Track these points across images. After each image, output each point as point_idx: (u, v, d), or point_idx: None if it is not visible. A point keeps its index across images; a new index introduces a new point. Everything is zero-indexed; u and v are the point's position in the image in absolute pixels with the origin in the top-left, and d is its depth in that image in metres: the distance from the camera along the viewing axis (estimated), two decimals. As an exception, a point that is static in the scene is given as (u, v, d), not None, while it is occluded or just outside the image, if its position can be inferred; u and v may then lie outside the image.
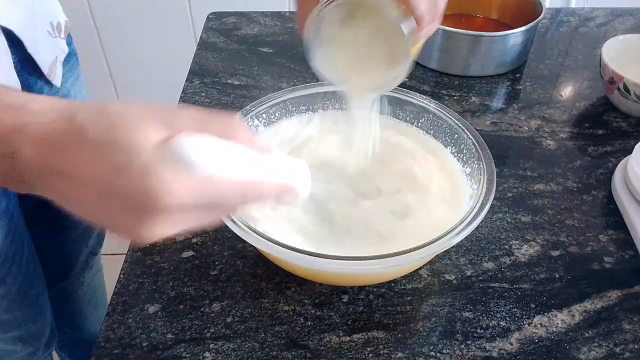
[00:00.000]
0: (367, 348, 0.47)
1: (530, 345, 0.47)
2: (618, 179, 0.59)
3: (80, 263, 0.86)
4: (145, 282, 0.51)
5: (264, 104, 0.57)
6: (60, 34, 0.65)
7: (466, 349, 0.47)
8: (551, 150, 0.66)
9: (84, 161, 0.29)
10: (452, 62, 0.78)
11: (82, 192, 0.30)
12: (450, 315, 0.49)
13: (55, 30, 0.63)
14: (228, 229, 0.43)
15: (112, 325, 0.48)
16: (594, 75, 0.79)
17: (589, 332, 0.48)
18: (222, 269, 0.53)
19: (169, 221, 0.30)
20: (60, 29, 0.65)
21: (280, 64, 0.81)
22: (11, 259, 0.60)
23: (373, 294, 0.51)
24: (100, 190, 0.29)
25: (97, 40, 1.74)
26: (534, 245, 0.55)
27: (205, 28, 0.89)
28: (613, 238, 0.56)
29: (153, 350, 0.46)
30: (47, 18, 0.62)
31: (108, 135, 0.29)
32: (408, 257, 0.42)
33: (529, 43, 0.79)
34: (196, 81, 0.77)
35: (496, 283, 0.52)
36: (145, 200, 0.29)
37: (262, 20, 0.91)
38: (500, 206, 0.59)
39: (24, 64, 0.57)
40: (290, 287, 0.51)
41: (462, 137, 0.54)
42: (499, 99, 0.75)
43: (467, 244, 0.55)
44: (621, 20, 0.92)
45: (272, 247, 0.42)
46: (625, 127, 0.70)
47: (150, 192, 0.29)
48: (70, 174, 0.30)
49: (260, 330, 0.48)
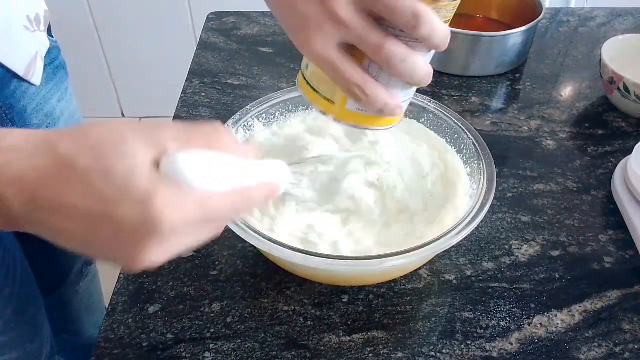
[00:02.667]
0: (367, 348, 0.47)
1: (530, 345, 0.47)
2: (618, 179, 0.59)
3: (74, 274, 0.85)
4: (145, 282, 0.51)
5: (264, 104, 0.57)
6: (39, 27, 0.59)
7: (466, 349, 0.47)
8: (551, 150, 0.66)
9: (74, 193, 0.28)
10: (452, 62, 0.78)
11: (73, 225, 0.29)
12: (450, 315, 0.49)
13: (33, 23, 0.57)
14: (228, 228, 0.43)
15: (112, 325, 0.48)
16: (594, 75, 0.79)
17: (589, 332, 0.48)
18: (222, 269, 0.53)
19: (166, 245, 0.29)
20: (40, 20, 0.59)
21: (280, 64, 0.81)
22: (3, 281, 0.58)
23: (373, 294, 0.51)
24: (95, 221, 0.28)
25: (97, 40, 1.74)
26: (534, 245, 0.55)
27: (205, 28, 0.89)
28: (613, 238, 0.56)
29: (153, 350, 0.46)
30: (24, 11, 0.56)
31: (99, 164, 0.28)
32: (408, 257, 0.42)
33: (529, 43, 0.79)
34: (196, 81, 0.77)
35: (496, 283, 0.52)
36: (146, 226, 0.28)
37: (262, 20, 0.91)
38: (500, 206, 0.59)
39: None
40: (290, 287, 0.51)
41: (462, 137, 0.54)
42: (499, 99, 0.75)
43: (467, 244, 0.55)
44: (621, 20, 0.92)
45: (272, 247, 0.42)
46: (625, 127, 0.70)
47: (152, 217, 0.28)
48: (59, 209, 0.29)
49: (260, 330, 0.48)
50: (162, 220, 0.28)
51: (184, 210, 0.29)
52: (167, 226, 0.28)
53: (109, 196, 0.28)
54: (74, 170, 0.28)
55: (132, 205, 0.28)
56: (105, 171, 0.28)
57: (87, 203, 0.28)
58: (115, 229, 0.28)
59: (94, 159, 0.28)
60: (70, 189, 0.28)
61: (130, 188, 0.28)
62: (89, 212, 0.28)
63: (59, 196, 0.28)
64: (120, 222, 0.28)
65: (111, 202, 0.28)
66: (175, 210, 0.28)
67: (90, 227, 0.29)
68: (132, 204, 0.28)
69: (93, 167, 0.28)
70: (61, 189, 0.28)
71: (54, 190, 0.28)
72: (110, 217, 0.28)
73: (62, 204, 0.28)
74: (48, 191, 0.28)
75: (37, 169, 0.29)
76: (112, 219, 0.28)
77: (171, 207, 0.28)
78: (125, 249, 0.29)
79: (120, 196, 0.28)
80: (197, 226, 0.30)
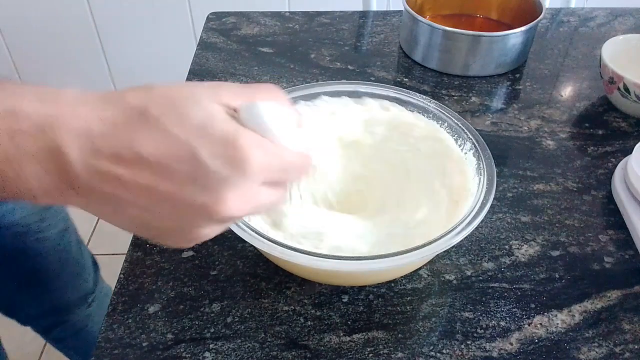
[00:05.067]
0: (367, 348, 0.47)
1: (530, 345, 0.47)
2: (618, 179, 0.59)
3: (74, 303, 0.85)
4: (145, 282, 0.51)
5: (264, 104, 0.57)
6: None
7: (466, 349, 0.47)
8: (551, 150, 0.66)
9: (148, 139, 0.26)
10: (452, 62, 0.78)
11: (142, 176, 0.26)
12: (450, 315, 0.49)
13: None
14: (228, 229, 0.43)
15: (112, 325, 0.48)
16: (594, 75, 0.79)
17: (589, 332, 0.48)
18: (222, 269, 0.53)
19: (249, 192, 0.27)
20: None
21: (280, 64, 0.81)
22: None
23: (373, 294, 0.51)
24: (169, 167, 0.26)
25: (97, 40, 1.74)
26: (534, 245, 0.55)
27: (205, 28, 0.89)
28: (613, 238, 0.56)
29: (153, 350, 0.46)
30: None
31: (175, 112, 0.26)
32: (408, 257, 0.42)
33: (529, 43, 0.79)
34: (196, 81, 0.77)
35: (496, 283, 0.52)
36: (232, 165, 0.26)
37: (262, 20, 0.91)
38: (500, 206, 0.59)
39: None
40: (290, 287, 0.51)
41: (462, 137, 0.54)
42: (499, 99, 0.75)
43: (467, 244, 0.55)
44: (621, 20, 0.92)
45: (272, 247, 0.42)
46: (625, 127, 0.70)
47: (240, 156, 0.26)
48: (129, 158, 0.26)
49: (260, 330, 0.48)
50: (250, 159, 0.26)
51: (268, 153, 0.27)
52: (255, 166, 0.26)
53: (190, 139, 0.26)
54: (146, 117, 0.26)
55: (217, 145, 0.26)
56: (181, 116, 0.26)
57: (165, 147, 0.26)
58: (199, 171, 0.26)
59: (168, 108, 0.26)
60: (143, 135, 0.26)
61: (213, 129, 0.26)
62: (167, 157, 0.26)
63: (131, 144, 0.26)
64: (206, 162, 0.26)
65: (193, 144, 0.26)
66: (260, 151, 0.27)
67: (164, 177, 0.26)
68: (217, 144, 0.26)
69: (167, 114, 0.26)
70: (132, 137, 0.26)
71: (126, 138, 0.26)
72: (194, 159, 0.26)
73: (135, 152, 0.26)
74: (119, 140, 0.26)
75: (105, 119, 0.26)
76: (196, 160, 0.26)
77: (256, 149, 0.26)
78: (203, 196, 0.26)
79: (202, 138, 0.26)
80: (276, 176, 0.29)
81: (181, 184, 0.26)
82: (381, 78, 0.78)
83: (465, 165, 0.53)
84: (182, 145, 0.26)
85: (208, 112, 0.26)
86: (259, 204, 0.29)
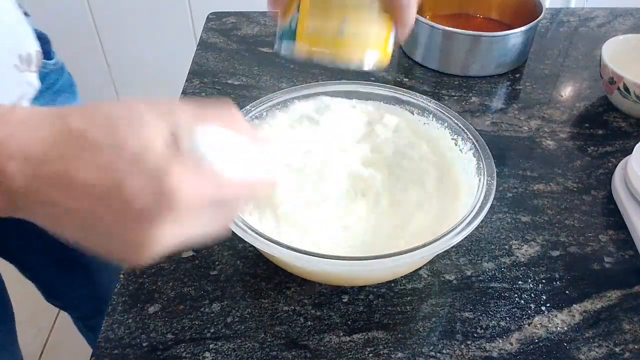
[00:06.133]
0: (367, 348, 0.47)
1: (530, 345, 0.47)
2: (618, 179, 0.59)
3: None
4: (145, 282, 0.51)
5: (264, 104, 0.57)
6: (30, 67, 0.55)
7: (466, 349, 0.47)
8: (551, 150, 0.66)
9: (83, 166, 0.26)
10: (452, 62, 0.78)
11: (78, 202, 0.27)
12: (450, 316, 0.49)
13: (24, 62, 0.54)
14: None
15: (112, 325, 0.48)
16: (594, 75, 0.79)
17: (589, 332, 0.48)
18: (222, 269, 0.53)
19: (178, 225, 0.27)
20: (31, 60, 0.55)
21: (280, 64, 0.81)
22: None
23: (373, 294, 0.51)
24: (102, 197, 0.26)
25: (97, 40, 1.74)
26: (534, 245, 0.55)
27: (205, 28, 0.89)
28: (613, 238, 0.56)
29: (153, 350, 0.46)
30: (16, 49, 0.53)
31: (111, 138, 0.26)
32: (408, 257, 0.42)
33: (529, 43, 0.79)
34: (196, 81, 0.77)
35: (496, 283, 0.52)
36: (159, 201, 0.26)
37: (262, 20, 0.91)
38: (500, 206, 0.59)
39: None
40: (290, 287, 0.51)
41: (462, 137, 0.54)
42: (499, 99, 0.75)
43: (467, 244, 0.55)
44: (621, 20, 0.92)
45: (272, 247, 0.42)
46: (625, 127, 0.70)
47: (167, 192, 0.26)
48: (65, 184, 0.26)
49: (260, 330, 0.48)
50: (178, 195, 0.26)
51: (201, 187, 0.27)
52: (183, 202, 0.26)
53: (120, 169, 0.26)
54: (84, 143, 0.26)
55: (145, 179, 0.26)
56: (117, 145, 0.26)
57: (95, 176, 0.26)
58: (124, 205, 0.26)
59: (106, 132, 0.26)
60: (79, 162, 0.26)
61: (143, 162, 0.26)
62: (97, 186, 0.26)
63: (66, 170, 0.26)
64: (131, 196, 0.26)
65: (122, 175, 0.26)
66: (191, 186, 0.27)
67: (96, 205, 0.26)
68: (145, 177, 0.26)
69: (104, 141, 0.26)
70: (69, 162, 0.26)
71: (61, 163, 0.26)
72: (120, 192, 0.26)
73: (69, 178, 0.26)
74: (55, 164, 0.26)
75: (44, 141, 0.26)
76: (122, 194, 0.26)
77: (187, 182, 0.26)
78: (133, 229, 0.27)
79: (132, 169, 0.26)
80: (211, 208, 0.29)
81: (113, 215, 0.27)
82: (381, 78, 0.78)
83: (465, 165, 0.53)
84: (112, 176, 0.26)
85: (144, 142, 0.26)
86: (193, 234, 0.29)
